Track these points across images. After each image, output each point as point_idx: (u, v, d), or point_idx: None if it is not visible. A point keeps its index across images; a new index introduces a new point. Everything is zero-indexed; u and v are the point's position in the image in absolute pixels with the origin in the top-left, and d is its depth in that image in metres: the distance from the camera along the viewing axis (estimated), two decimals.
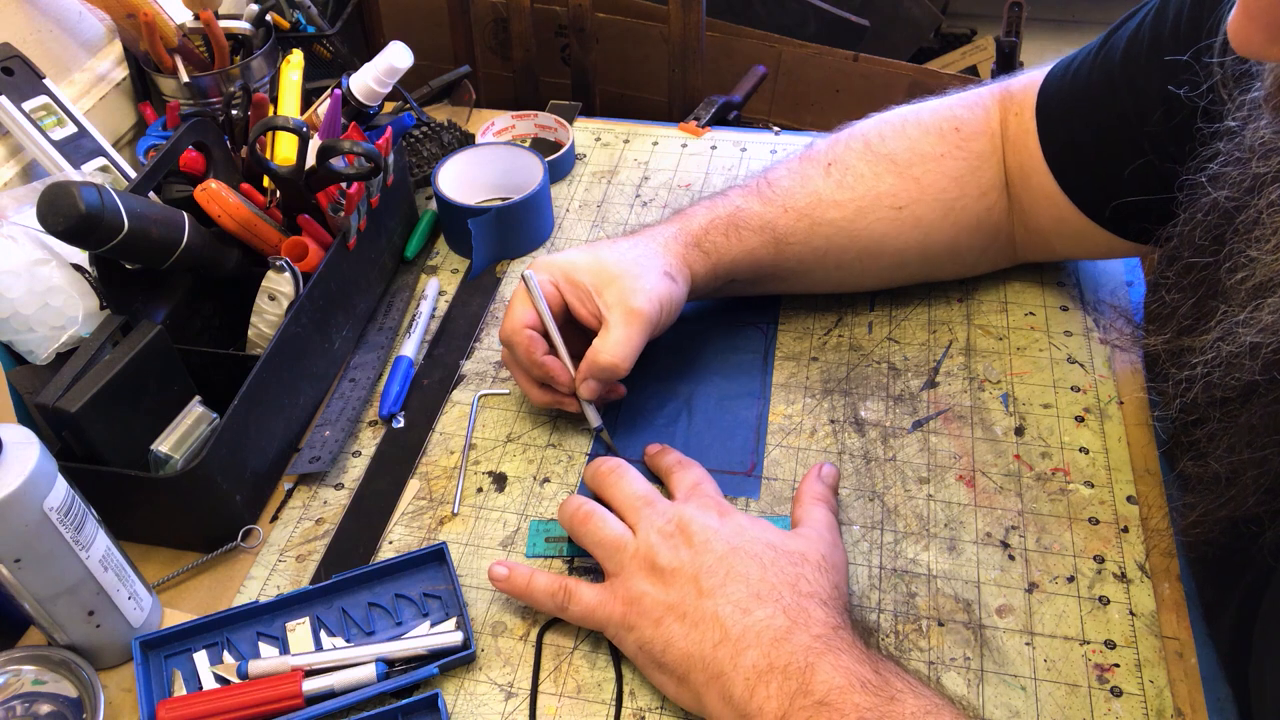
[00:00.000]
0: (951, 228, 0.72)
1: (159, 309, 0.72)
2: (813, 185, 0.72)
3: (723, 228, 0.71)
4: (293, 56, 0.90)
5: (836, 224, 0.71)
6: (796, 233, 0.71)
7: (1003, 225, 0.73)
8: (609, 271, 0.67)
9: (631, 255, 0.68)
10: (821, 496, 0.62)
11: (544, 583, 0.57)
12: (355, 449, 0.72)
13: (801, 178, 0.72)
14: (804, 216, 0.71)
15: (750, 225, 0.71)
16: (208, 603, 0.63)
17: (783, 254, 0.72)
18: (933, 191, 0.71)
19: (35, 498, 0.50)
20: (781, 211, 0.71)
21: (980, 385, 0.72)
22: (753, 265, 0.72)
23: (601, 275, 0.67)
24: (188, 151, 0.76)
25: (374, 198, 0.79)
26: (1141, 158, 0.61)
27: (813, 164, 0.73)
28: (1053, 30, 1.73)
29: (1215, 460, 0.50)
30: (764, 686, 0.49)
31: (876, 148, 0.72)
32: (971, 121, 0.72)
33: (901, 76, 1.39)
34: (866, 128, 0.74)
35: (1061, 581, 0.60)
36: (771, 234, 0.71)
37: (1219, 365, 0.49)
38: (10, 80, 0.83)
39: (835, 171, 0.72)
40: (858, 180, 0.71)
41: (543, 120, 0.99)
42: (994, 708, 0.55)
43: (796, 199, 0.71)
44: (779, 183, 0.72)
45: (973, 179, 0.71)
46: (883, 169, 0.71)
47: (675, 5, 1.12)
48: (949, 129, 0.72)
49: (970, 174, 0.71)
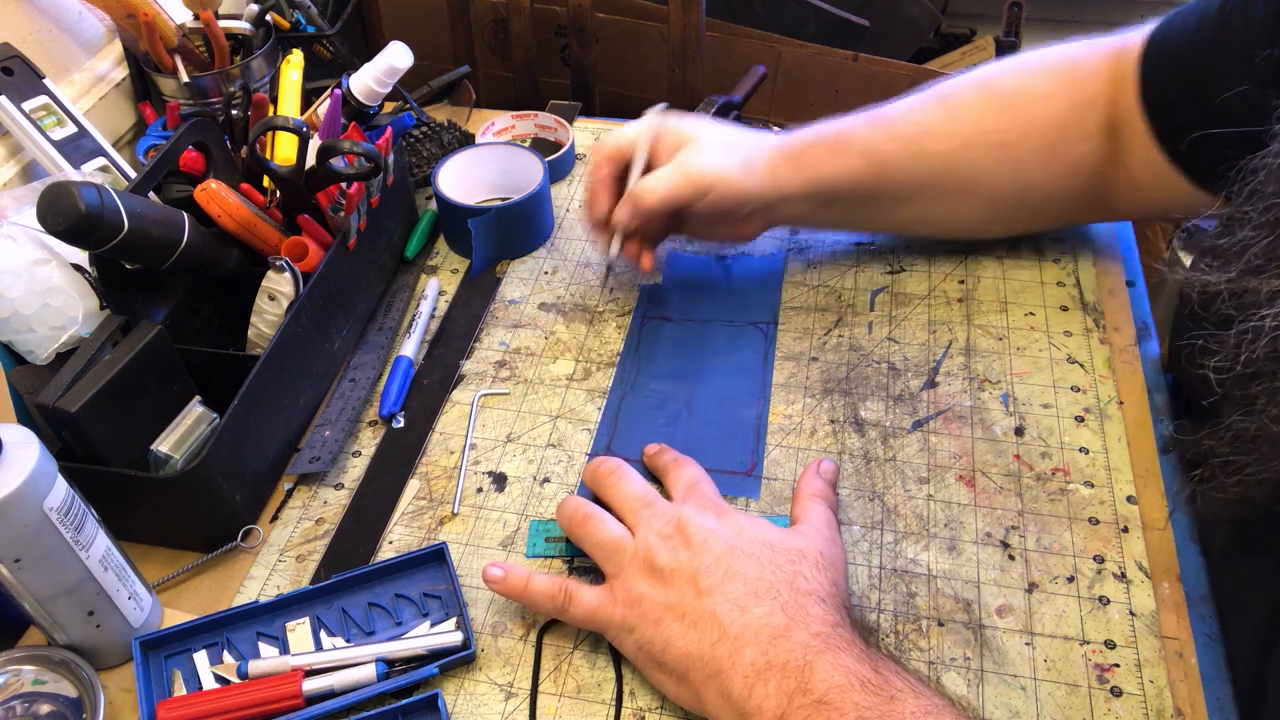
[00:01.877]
0: (1049, 170, 0.72)
1: (159, 309, 0.72)
2: (922, 115, 0.73)
3: (827, 145, 0.73)
4: (293, 56, 0.90)
5: (939, 154, 0.72)
6: (899, 159, 0.73)
7: (1104, 172, 0.72)
8: (696, 140, 0.72)
9: (723, 138, 0.73)
10: (820, 493, 0.62)
11: (543, 584, 0.57)
12: (355, 449, 0.72)
13: (912, 108, 0.74)
14: (909, 144, 0.72)
15: (854, 147, 0.73)
16: (208, 603, 0.63)
17: (883, 179, 0.73)
18: (1036, 130, 0.71)
19: (35, 498, 0.50)
20: (887, 137, 0.73)
21: (980, 385, 0.72)
22: (852, 186, 0.74)
23: (689, 140, 0.73)
24: (188, 151, 0.76)
25: (374, 198, 0.79)
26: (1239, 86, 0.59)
27: (930, 96, 0.74)
28: (1053, 30, 1.73)
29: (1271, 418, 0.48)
30: (763, 684, 0.49)
31: (991, 84, 0.73)
32: (1086, 62, 0.71)
33: (901, 77, 1.39)
34: (989, 67, 0.75)
35: (1061, 581, 0.60)
36: (874, 157, 0.73)
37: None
38: (10, 80, 0.83)
39: (946, 104, 0.73)
40: (966, 113, 0.72)
41: (543, 120, 0.99)
42: (994, 708, 0.55)
43: (904, 127, 0.73)
44: (891, 112, 0.74)
45: (1077, 121, 0.70)
46: (991, 103, 0.72)
47: (675, 5, 1.12)
48: (1062, 69, 0.71)
49: (1075, 116, 0.70)
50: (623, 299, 0.82)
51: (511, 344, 0.79)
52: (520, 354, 0.78)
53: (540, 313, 0.82)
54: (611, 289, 0.83)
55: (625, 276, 0.83)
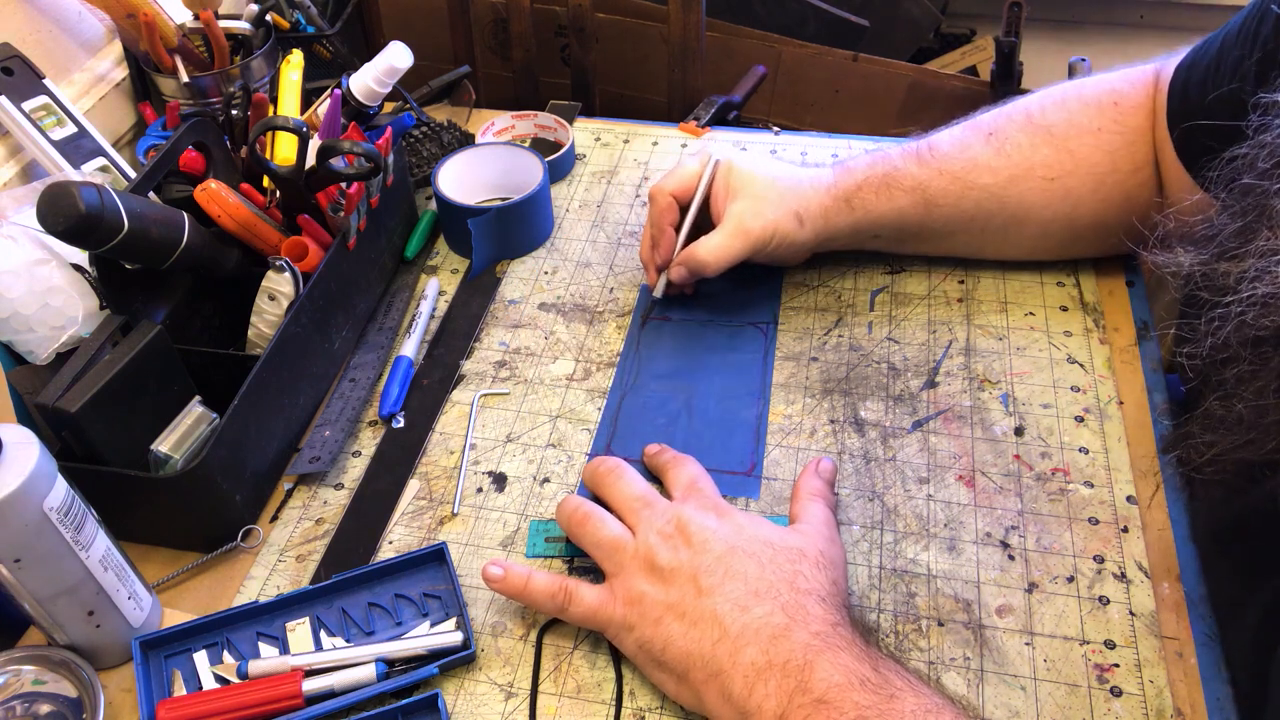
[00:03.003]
0: (1101, 202, 0.73)
1: (159, 309, 0.72)
2: (971, 151, 0.74)
3: (876, 185, 0.74)
4: (293, 56, 0.90)
5: (988, 189, 0.73)
6: (948, 195, 0.74)
7: (1152, 203, 0.72)
8: (754, 186, 0.74)
9: (781, 184, 0.74)
10: (819, 492, 0.62)
11: (543, 583, 0.57)
12: (355, 449, 0.72)
13: (961, 144, 0.75)
14: (957, 180, 0.73)
15: (903, 185, 0.74)
16: (208, 603, 0.63)
17: (931, 215, 0.75)
18: (1086, 165, 0.72)
19: (35, 498, 0.50)
20: (936, 174, 0.74)
21: (980, 385, 0.72)
22: (899, 224, 0.75)
23: (747, 186, 0.74)
24: (188, 151, 0.76)
25: (374, 198, 0.79)
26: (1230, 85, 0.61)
27: (974, 131, 0.75)
28: (1053, 30, 1.73)
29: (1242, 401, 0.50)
30: (763, 684, 0.49)
31: (1036, 119, 0.74)
32: (1130, 96, 0.72)
33: (901, 76, 1.39)
34: (1030, 100, 0.75)
35: (1061, 581, 0.60)
36: (923, 195, 0.74)
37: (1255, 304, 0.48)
38: (10, 80, 0.83)
39: (994, 140, 0.74)
40: (1015, 149, 0.73)
41: (543, 120, 0.99)
42: (994, 708, 0.55)
43: (953, 163, 0.74)
44: (939, 146, 0.75)
45: (1126, 153, 0.71)
46: (1040, 140, 0.73)
47: (675, 5, 1.12)
48: (1108, 103, 0.72)
49: (1124, 148, 0.71)
50: (623, 299, 0.82)
51: (511, 344, 0.79)
52: (520, 354, 0.78)
53: (540, 313, 0.82)
54: (612, 289, 0.83)
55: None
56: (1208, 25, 0.69)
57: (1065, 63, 1.10)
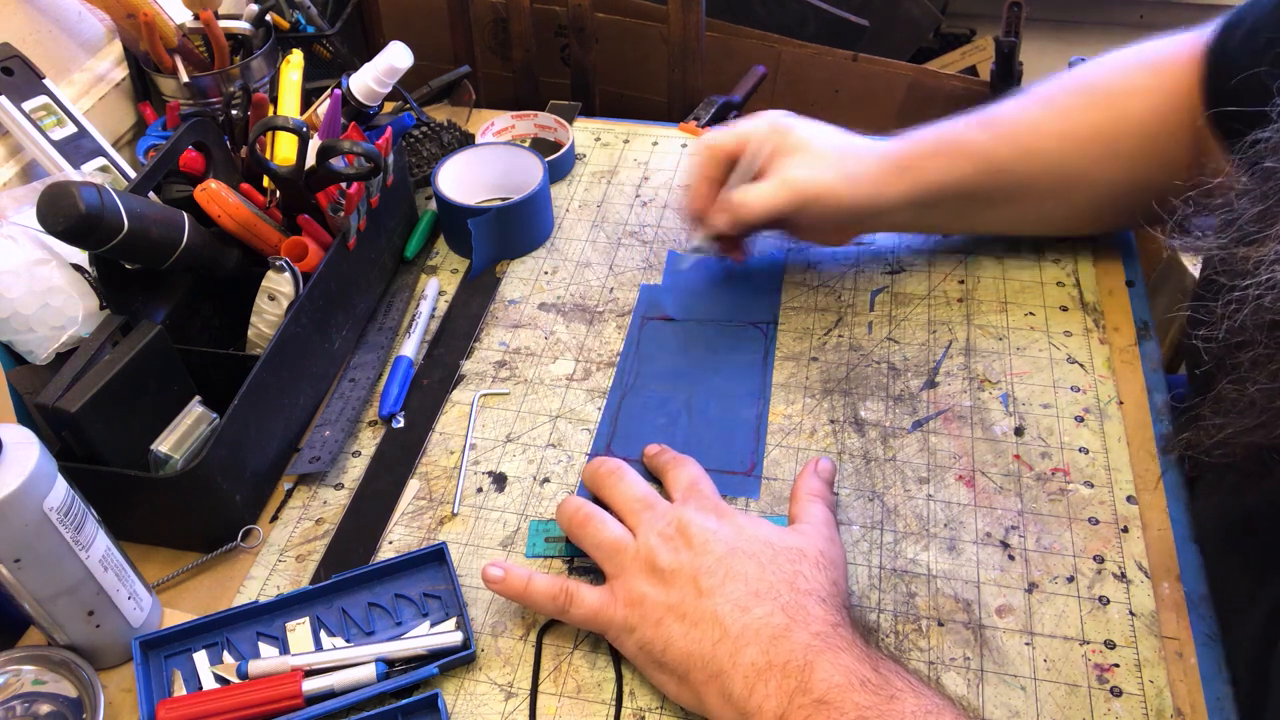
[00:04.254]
0: (1150, 165, 0.72)
1: (159, 309, 0.72)
2: (1029, 115, 0.74)
3: (937, 150, 0.74)
4: (293, 56, 0.90)
5: (1047, 153, 0.73)
6: (1009, 160, 0.74)
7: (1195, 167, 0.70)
8: (808, 147, 0.73)
9: (831, 146, 0.74)
10: (818, 492, 0.62)
11: (544, 585, 0.57)
12: (355, 449, 0.72)
13: (1020, 109, 0.75)
14: (1017, 144, 0.74)
15: (965, 151, 0.74)
16: (208, 603, 0.63)
17: (993, 181, 0.75)
18: (1138, 125, 0.72)
19: (35, 498, 0.50)
20: (995, 139, 0.74)
21: (980, 385, 0.72)
22: (960, 190, 0.75)
23: (801, 146, 0.73)
24: (188, 151, 0.76)
25: (374, 198, 0.79)
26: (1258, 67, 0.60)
27: (1033, 98, 0.75)
28: (1053, 30, 1.73)
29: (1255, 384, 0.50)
30: (763, 684, 0.49)
31: (1091, 83, 0.74)
32: (1175, 58, 0.71)
33: (901, 76, 1.39)
34: (1083, 68, 0.76)
35: (1061, 581, 0.60)
36: (985, 160, 0.74)
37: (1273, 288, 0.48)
38: (10, 80, 0.83)
39: (1054, 106, 0.74)
40: (1073, 113, 0.73)
41: (543, 120, 0.99)
42: (994, 708, 0.55)
43: (1016, 128, 0.74)
44: (1001, 114, 0.75)
45: (1174, 116, 0.71)
46: (1092, 100, 0.73)
47: (675, 5, 1.12)
48: (1154, 65, 0.72)
49: (1171, 110, 0.71)
50: (623, 299, 0.82)
51: (511, 344, 0.79)
52: (520, 354, 0.78)
53: (540, 313, 0.82)
54: (612, 289, 0.83)
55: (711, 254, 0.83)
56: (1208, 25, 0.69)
57: (1065, 63, 1.09)
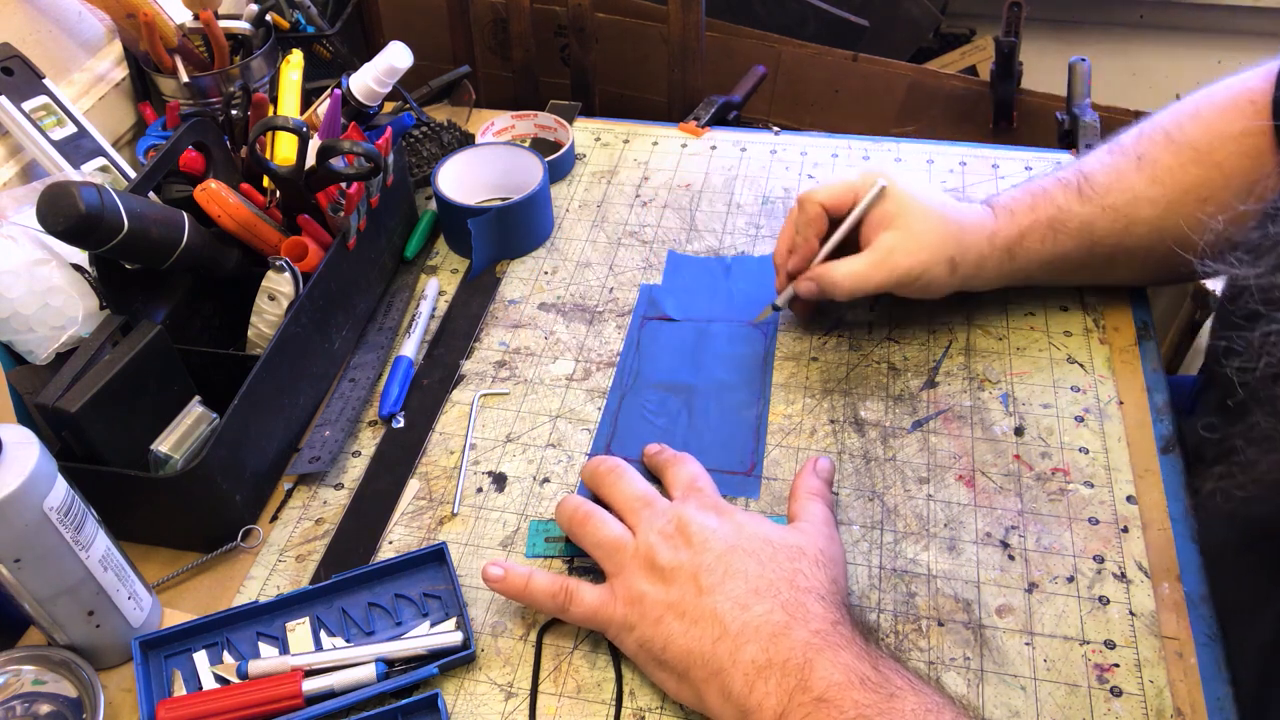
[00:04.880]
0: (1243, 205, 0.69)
1: (159, 309, 0.72)
2: (1127, 181, 0.71)
3: (1041, 232, 0.71)
4: (292, 56, 0.90)
5: (1150, 222, 0.70)
6: (1113, 234, 0.71)
7: None
8: (913, 220, 0.69)
9: (942, 224, 0.69)
10: (817, 491, 0.62)
11: (544, 584, 0.57)
12: (355, 449, 0.72)
13: (1117, 174, 0.71)
14: (1121, 216, 0.70)
15: (1069, 228, 0.71)
16: (208, 603, 0.63)
17: (1093, 254, 0.72)
18: (1236, 175, 0.68)
19: (35, 498, 0.50)
20: (1100, 211, 0.70)
21: (980, 385, 0.72)
22: (1060, 266, 0.72)
23: (905, 216, 0.69)
24: (188, 151, 0.76)
25: (374, 198, 0.79)
26: None
27: (1125, 158, 0.72)
28: (1052, 30, 1.73)
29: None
30: (763, 682, 0.49)
31: (1176, 138, 0.70)
32: (1263, 90, 0.68)
33: (901, 76, 1.39)
34: (1164, 117, 0.72)
35: (1061, 581, 0.60)
36: (1089, 236, 0.71)
37: None
38: (10, 80, 0.83)
39: (1146, 166, 0.71)
40: (1166, 174, 0.70)
41: (542, 120, 0.99)
42: (994, 708, 0.55)
43: (1114, 197, 0.70)
44: (1096, 178, 0.71)
45: (1268, 155, 0.68)
46: (1186, 159, 0.70)
47: (675, 5, 1.12)
48: (1244, 101, 0.69)
49: (1265, 150, 0.68)
50: (623, 299, 0.82)
51: (511, 344, 0.79)
52: (520, 354, 0.78)
53: (540, 313, 0.82)
54: (612, 289, 0.83)
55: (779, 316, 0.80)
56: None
57: (1065, 63, 1.09)
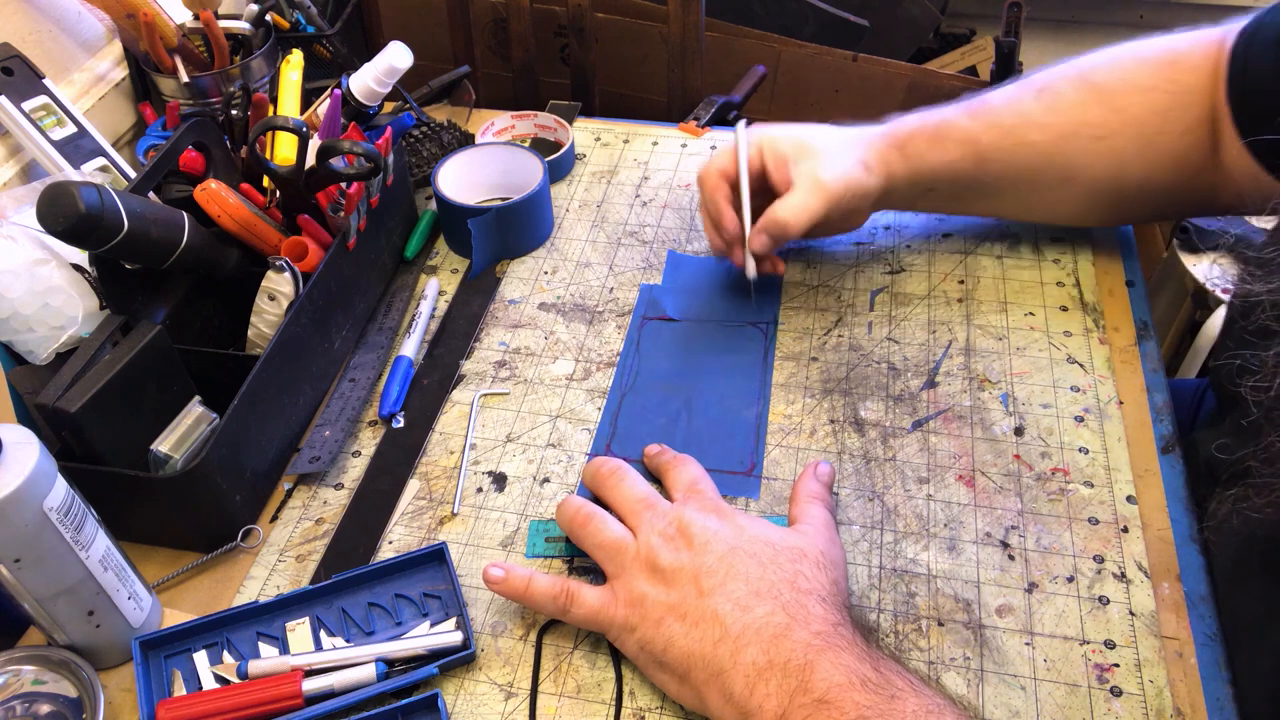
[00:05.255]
0: (1148, 163, 0.71)
1: (159, 309, 0.72)
2: (1021, 106, 0.74)
3: (928, 135, 0.74)
4: (292, 56, 0.90)
5: (1037, 146, 0.73)
6: (999, 150, 0.73)
7: (1205, 166, 0.71)
8: (809, 147, 0.73)
9: (834, 140, 0.74)
10: (817, 494, 0.62)
11: (544, 585, 0.57)
12: (355, 449, 0.72)
13: (1012, 99, 0.75)
14: (1008, 135, 0.73)
15: (954, 137, 0.74)
16: (208, 603, 0.63)
17: (983, 169, 0.74)
18: (1134, 124, 0.71)
19: (35, 498, 0.50)
20: (986, 127, 0.73)
21: (980, 385, 0.72)
22: (952, 177, 0.75)
23: (801, 149, 0.73)
24: (187, 151, 0.76)
25: (374, 198, 0.79)
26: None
27: (1026, 88, 0.75)
28: (1053, 30, 1.73)
29: None
30: (764, 684, 0.49)
31: (1089, 77, 0.73)
32: (1189, 55, 0.70)
33: (901, 77, 1.39)
34: (1087, 59, 0.74)
35: (1061, 581, 0.60)
36: (974, 148, 0.74)
37: None
38: (10, 80, 0.83)
39: (1045, 96, 0.73)
40: (1065, 106, 0.72)
41: (542, 120, 0.99)
42: (994, 708, 0.55)
43: (1003, 117, 0.74)
44: (990, 101, 0.75)
45: (1177, 115, 0.69)
46: (1089, 98, 0.72)
47: (675, 5, 1.12)
48: (1164, 61, 0.71)
49: (1176, 109, 0.69)
50: (622, 299, 0.82)
51: (511, 344, 0.79)
52: (520, 354, 0.78)
53: (540, 313, 0.82)
54: (612, 289, 0.83)
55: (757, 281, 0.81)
56: (1208, 25, 0.69)
57: None
